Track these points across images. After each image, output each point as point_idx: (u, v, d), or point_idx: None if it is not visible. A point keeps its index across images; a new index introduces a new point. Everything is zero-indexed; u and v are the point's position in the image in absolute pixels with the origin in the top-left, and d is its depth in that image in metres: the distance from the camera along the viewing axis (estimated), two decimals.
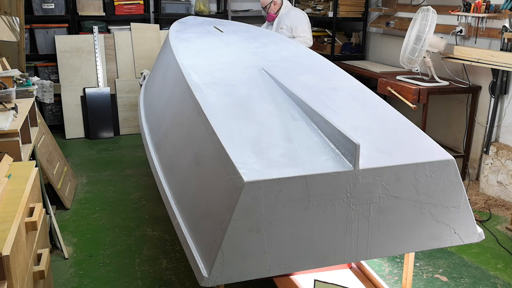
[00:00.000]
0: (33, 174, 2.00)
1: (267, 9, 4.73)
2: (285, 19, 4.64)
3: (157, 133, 2.81)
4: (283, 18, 4.67)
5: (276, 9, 4.72)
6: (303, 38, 4.57)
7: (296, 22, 4.57)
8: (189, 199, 2.06)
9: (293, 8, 4.80)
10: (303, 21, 4.60)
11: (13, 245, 1.48)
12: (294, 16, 4.62)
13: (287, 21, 4.62)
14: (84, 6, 5.51)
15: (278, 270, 1.73)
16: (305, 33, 4.61)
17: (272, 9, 4.72)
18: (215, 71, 2.61)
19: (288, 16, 4.64)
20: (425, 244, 1.91)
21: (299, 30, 4.58)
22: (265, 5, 4.73)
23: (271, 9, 4.72)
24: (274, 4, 4.70)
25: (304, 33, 4.60)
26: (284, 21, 4.64)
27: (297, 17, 4.60)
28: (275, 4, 4.70)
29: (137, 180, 4.26)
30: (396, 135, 2.05)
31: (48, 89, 4.01)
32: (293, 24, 4.59)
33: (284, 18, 4.66)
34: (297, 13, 4.66)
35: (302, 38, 4.56)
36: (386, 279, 2.82)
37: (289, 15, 4.64)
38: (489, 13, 3.85)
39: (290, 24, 4.61)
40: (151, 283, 2.78)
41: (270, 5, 4.71)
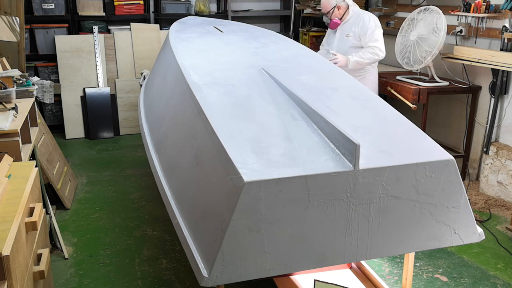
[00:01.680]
0: (33, 174, 2.00)
1: (330, 14, 3.98)
2: (352, 25, 3.92)
3: (157, 133, 2.81)
4: (349, 24, 3.95)
5: (341, 14, 3.96)
6: (373, 48, 3.79)
7: (365, 28, 3.82)
8: (189, 199, 2.06)
9: (363, 12, 3.96)
10: (373, 27, 3.83)
11: (13, 245, 1.48)
12: (363, 21, 3.86)
13: (355, 27, 3.89)
14: (84, 6, 5.51)
15: (278, 270, 1.73)
16: (376, 42, 3.82)
17: (336, 15, 3.96)
18: (215, 71, 2.61)
19: (355, 22, 3.91)
20: (425, 244, 1.91)
21: (368, 39, 3.83)
22: (327, 10, 3.98)
23: (335, 14, 3.96)
24: (338, 8, 3.93)
25: (374, 42, 3.82)
26: (350, 28, 3.93)
27: (366, 22, 3.84)
28: (339, 9, 3.93)
29: (137, 180, 4.26)
30: (396, 135, 2.05)
31: (48, 89, 4.02)
32: (362, 31, 3.84)
33: (351, 24, 3.94)
34: (367, 18, 3.87)
35: (372, 49, 3.79)
36: (386, 279, 2.82)
37: (357, 20, 3.90)
38: (489, 13, 3.85)
39: (358, 31, 3.87)
40: (151, 283, 2.78)
41: (333, 9, 3.95)
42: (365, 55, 3.79)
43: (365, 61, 3.80)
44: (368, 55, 3.80)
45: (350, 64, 3.77)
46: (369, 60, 3.81)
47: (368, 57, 3.80)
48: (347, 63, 3.78)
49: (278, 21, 6.86)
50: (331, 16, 3.98)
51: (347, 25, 3.96)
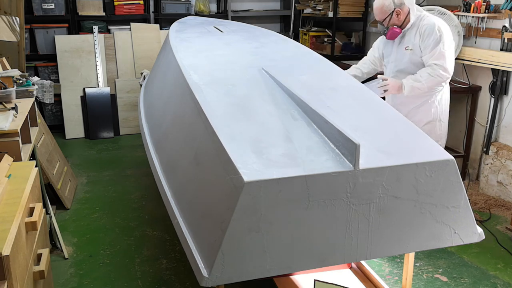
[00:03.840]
0: (33, 174, 2.00)
1: (387, 22, 3.06)
2: (413, 35, 3.02)
3: (157, 133, 2.81)
4: (410, 33, 3.05)
5: (401, 21, 3.04)
6: (433, 68, 2.90)
7: (428, 39, 2.92)
8: (189, 199, 2.06)
9: (428, 17, 3.02)
10: (438, 39, 2.90)
11: (13, 245, 1.48)
12: (427, 30, 2.93)
13: (416, 37, 3.00)
14: (84, 6, 5.51)
15: (278, 270, 1.73)
16: (438, 59, 2.89)
17: (395, 21, 3.04)
18: (215, 71, 2.61)
19: (418, 30, 2.99)
20: (425, 244, 1.91)
21: (429, 54, 2.93)
22: (383, 18, 3.05)
23: (393, 21, 3.04)
24: (397, 14, 3.01)
25: (437, 60, 2.89)
26: (410, 38, 3.04)
27: (430, 32, 2.91)
28: (399, 14, 3.01)
29: (137, 180, 4.26)
30: (396, 135, 2.05)
31: (48, 89, 4.02)
32: (425, 43, 2.94)
33: (412, 33, 3.03)
34: (432, 25, 2.93)
35: (432, 69, 2.90)
36: (386, 279, 2.82)
37: (419, 28, 2.99)
38: (489, 13, 3.85)
39: (419, 42, 2.98)
40: (151, 283, 2.78)
41: (391, 16, 3.02)
42: (423, 77, 2.92)
43: (424, 85, 2.92)
44: (426, 76, 2.91)
45: (405, 90, 2.96)
46: (429, 84, 2.92)
47: (426, 80, 2.91)
48: (401, 89, 2.98)
49: (278, 21, 6.87)
50: (388, 24, 3.06)
51: (408, 34, 3.07)
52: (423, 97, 3.06)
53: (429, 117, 3.13)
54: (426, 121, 3.12)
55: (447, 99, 3.19)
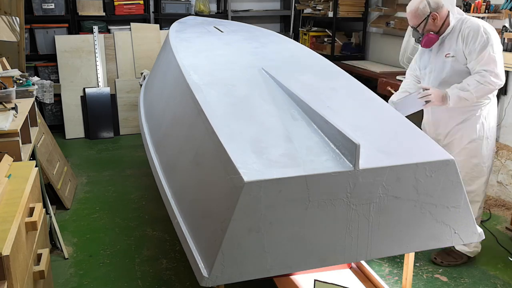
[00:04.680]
0: (33, 174, 2.00)
1: (422, 28, 2.73)
2: (455, 40, 2.69)
3: (157, 133, 2.81)
4: (451, 38, 2.72)
5: (438, 26, 2.72)
6: (483, 74, 2.57)
7: (473, 44, 2.60)
8: (189, 199, 2.06)
9: (470, 20, 2.70)
10: (485, 42, 2.58)
11: (13, 245, 1.48)
12: (471, 34, 2.62)
13: (459, 42, 2.67)
14: (84, 6, 5.51)
15: (278, 270, 1.73)
16: (488, 64, 2.57)
17: (431, 27, 2.71)
18: (215, 71, 2.61)
19: (460, 34, 2.67)
20: (425, 244, 1.91)
21: (476, 60, 2.60)
22: (417, 23, 2.73)
23: (429, 26, 2.71)
24: (433, 18, 2.69)
25: (488, 64, 2.56)
26: (452, 43, 2.71)
27: (475, 35, 2.60)
28: (435, 19, 2.69)
29: (137, 180, 4.26)
30: (396, 135, 2.05)
31: (48, 89, 4.02)
32: (470, 47, 2.61)
33: (453, 38, 2.71)
34: (476, 28, 2.62)
35: (481, 75, 2.57)
36: (386, 279, 2.82)
37: (462, 31, 2.67)
38: (489, 13, 3.85)
39: (462, 48, 2.65)
40: (151, 283, 2.78)
41: (427, 20, 2.70)
42: (471, 86, 2.57)
43: (472, 95, 2.58)
44: (474, 84, 2.56)
45: (450, 101, 2.63)
46: (478, 93, 2.57)
47: (475, 88, 2.56)
48: (446, 99, 2.63)
49: (278, 21, 6.87)
50: (424, 30, 2.73)
51: (448, 40, 2.73)
52: (467, 112, 2.72)
53: (474, 135, 2.75)
54: (470, 139, 2.75)
55: (495, 114, 2.82)
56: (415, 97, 2.70)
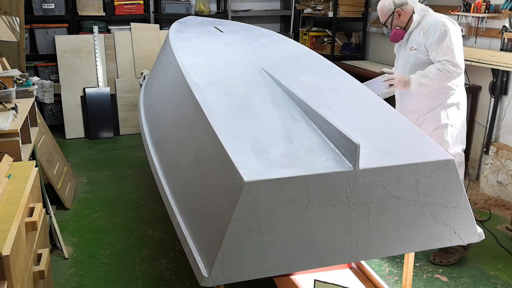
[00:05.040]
0: (33, 174, 2.00)
1: (389, 23, 2.99)
2: (417, 34, 2.91)
3: (157, 133, 2.81)
4: (415, 33, 2.94)
5: (404, 22, 2.95)
6: (443, 63, 2.73)
7: (433, 36, 2.79)
8: (189, 199, 2.06)
9: (433, 15, 2.90)
10: (443, 34, 2.75)
11: (13, 245, 1.48)
12: (430, 27, 2.81)
13: (420, 36, 2.88)
14: (84, 6, 5.51)
15: (278, 270, 1.73)
16: (448, 54, 2.73)
17: (398, 23, 2.96)
18: (215, 71, 2.61)
19: (421, 28, 2.88)
20: (425, 244, 1.91)
21: (436, 52, 2.78)
22: (385, 19, 2.99)
23: (396, 22, 2.96)
24: (399, 14, 2.93)
25: (447, 55, 2.73)
26: (415, 37, 2.93)
27: (434, 28, 2.79)
28: (400, 15, 2.92)
29: (137, 180, 4.26)
30: (396, 135, 2.05)
31: (48, 89, 4.02)
32: (430, 40, 2.80)
33: (416, 32, 2.93)
34: (437, 20, 2.81)
35: (441, 64, 2.74)
36: (386, 279, 2.82)
37: (423, 26, 2.87)
38: (489, 13, 3.85)
39: (423, 41, 2.85)
40: (151, 283, 2.78)
41: (392, 16, 2.95)
42: (432, 72, 2.76)
43: (433, 82, 2.76)
44: (434, 71, 2.75)
45: (412, 86, 2.81)
46: (438, 79, 2.75)
47: (435, 75, 2.74)
48: (408, 84, 2.82)
49: (278, 21, 6.87)
50: (392, 25, 2.98)
51: (412, 34, 2.95)
52: (433, 100, 2.89)
53: (438, 123, 2.90)
54: (434, 127, 2.91)
55: (461, 103, 2.94)
56: (380, 80, 2.91)
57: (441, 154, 1.89)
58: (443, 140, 2.91)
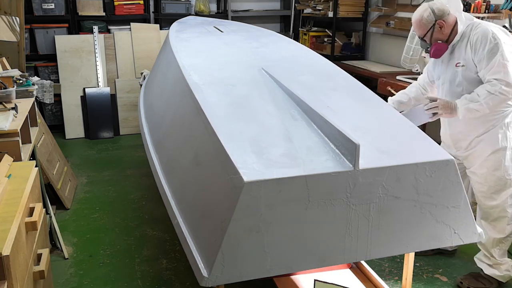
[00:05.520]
0: (33, 174, 2.00)
1: (429, 37, 2.58)
2: (464, 48, 2.52)
3: (157, 133, 2.81)
4: (460, 46, 2.54)
5: (447, 34, 2.56)
6: (493, 83, 2.37)
7: (484, 50, 2.41)
8: (189, 199, 2.06)
9: (480, 24, 2.51)
10: (494, 49, 2.39)
11: (13, 245, 1.48)
12: (480, 39, 2.43)
13: (467, 50, 2.49)
14: (84, 6, 5.51)
15: (278, 270, 1.73)
16: (500, 72, 2.36)
17: (439, 35, 2.56)
18: (215, 71, 2.61)
19: (468, 41, 2.49)
20: (425, 244, 1.91)
21: (486, 69, 2.41)
22: (423, 33, 2.58)
23: (437, 35, 2.56)
24: (440, 26, 2.54)
25: (498, 73, 2.36)
26: (461, 52, 2.53)
27: (483, 42, 2.42)
28: (442, 27, 2.54)
29: (137, 180, 4.26)
30: (396, 135, 2.05)
31: (48, 89, 4.02)
32: (479, 55, 2.43)
33: (462, 46, 2.53)
34: (486, 32, 2.43)
35: (491, 85, 2.38)
36: (386, 279, 2.82)
37: (470, 39, 2.49)
38: (489, 13, 3.85)
39: (472, 56, 2.47)
40: (151, 283, 2.78)
41: (433, 29, 2.55)
42: (481, 96, 2.39)
43: (483, 106, 2.39)
44: (484, 94, 2.38)
45: (459, 113, 2.46)
46: (489, 103, 2.38)
47: (485, 98, 2.38)
48: (455, 111, 2.47)
49: (278, 21, 6.87)
50: (431, 39, 2.58)
51: (458, 48, 2.56)
52: (487, 122, 2.52)
53: (496, 145, 2.53)
54: (492, 150, 2.54)
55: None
56: (422, 109, 2.55)
57: (441, 154, 1.89)
58: (501, 165, 2.53)
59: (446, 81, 2.63)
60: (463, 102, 2.44)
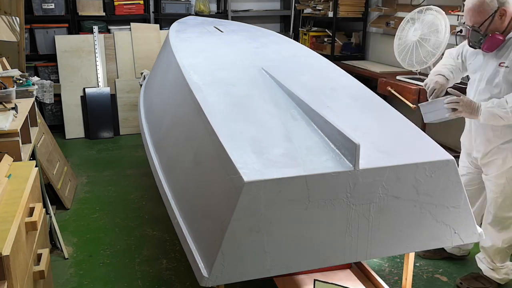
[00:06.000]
0: (33, 174, 2.00)
1: (486, 27, 2.31)
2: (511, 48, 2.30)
3: (157, 133, 2.81)
4: (508, 45, 2.31)
5: (505, 25, 2.30)
6: None
7: None
8: (189, 199, 2.06)
9: None
10: None
11: (13, 245, 1.48)
12: None
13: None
14: (84, 6, 5.51)
15: (278, 270, 1.73)
16: None
17: (497, 26, 2.30)
18: (215, 71, 2.61)
19: None
20: (425, 244, 1.91)
21: None
22: (481, 21, 2.30)
23: (495, 25, 2.30)
24: (501, 15, 2.28)
25: None
26: (509, 51, 2.30)
27: None
28: (502, 15, 2.28)
29: (137, 180, 4.26)
30: (396, 135, 2.05)
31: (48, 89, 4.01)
32: None
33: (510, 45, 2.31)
34: None
35: None
36: (386, 279, 2.82)
37: None
38: None
39: None
40: (151, 283, 2.78)
41: (492, 17, 2.28)
42: (510, 103, 2.21)
43: (509, 115, 2.22)
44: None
45: (481, 116, 2.29)
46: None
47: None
48: (477, 112, 2.30)
49: (278, 21, 6.87)
50: (487, 29, 2.30)
51: (505, 46, 2.32)
52: None
53: None
54: None
55: None
56: (442, 102, 2.39)
57: (441, 154, 1.89)
58: None
59: (483, 79, 2.39)
60: (488, 105, 2.26)
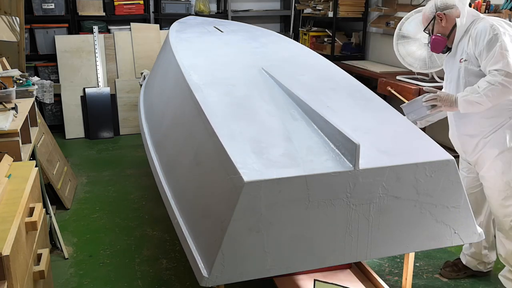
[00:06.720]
0: (33, 174, 2.00)
1: (430, 30, 2.62)
2: (466, 43, 2.48)
3: (157, 133, 2.81)
4: (463, 41, 2.51)
5: (448, 28, 2.55)
6: (493, 74, 2.30)
7: (483, 42, 2.36)
8: (189, 199, 2.06)
9: (482, 19, 2.48)
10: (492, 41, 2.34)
11: (13, 245, 1.48)
12: (480, 33, 2.40)
13: (469, 44, 2.44)
14: (84, 6, 5.51)
15: (278, 270, 1.73)
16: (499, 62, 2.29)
17: (439, 29, 2.58)
18: (215, 71, 2.61)
19: (470, 35, 2.46)
20: (425, 244, 1.91)
21: (486, 61, 2.36)
22: (425, 24, 2.64)
23: (438, 28, 2.58)
24: (440, 19, 2.55)
25: (497, 64, 2.30)
26: (463, 47, 2.49)
27: (482, 35, 2.38)
28: (442, 20, 2.55)
29: (137, 180, 4.26)
30: (396, 135, 2.05)
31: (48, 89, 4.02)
32: (479, 47, 2.39)
33: (464, 41, 2.49)
34: (485, 26, 2.39)
35: (492, 75, 2.30)
36: (386, 279, 2.82)
37: (471, 33, 2.45)
38: (489, 13, 3.84)
39: (473, 49, 2.42)
40: (151, 283, 2.78)
41: (433, 22, 2.59)
42: (481, 87, 2.32)
43: (483, 98, 2.30)
44: (484, 85, 2.31)
45: (459, 106, 2.40)
46: (489, 94, 2.30)
47: (485, 90, 2.30)
48: (455, 104, 2.41)
49: (278, 21, 6.87)
50: (434, 32, 2.59)
51: (460, 44, 2.53)
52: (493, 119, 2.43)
53: (503, 146, 2.42)
54: (499, 151, 2.43)
55: None
56: (421, 101, 2.50)
57: (441, 154, 1.89)
58: (510, 167, 2.42)
59: (453, 79, 2.57)
60: (463, 94, 2.38)
